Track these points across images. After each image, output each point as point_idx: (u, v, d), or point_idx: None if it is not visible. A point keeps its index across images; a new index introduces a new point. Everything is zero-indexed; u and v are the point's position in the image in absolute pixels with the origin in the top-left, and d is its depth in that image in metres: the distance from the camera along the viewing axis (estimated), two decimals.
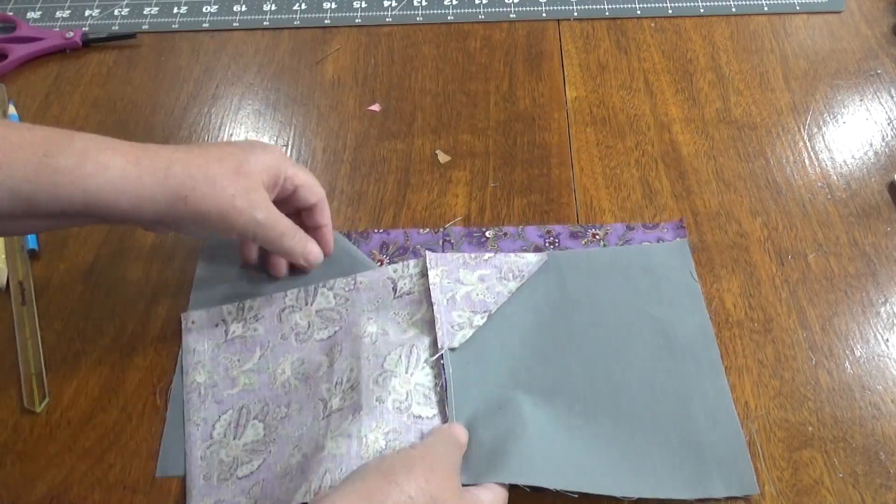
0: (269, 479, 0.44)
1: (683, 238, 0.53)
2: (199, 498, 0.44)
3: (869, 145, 0.59)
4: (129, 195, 0.40)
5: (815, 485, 0.43)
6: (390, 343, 0.48)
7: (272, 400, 0.47)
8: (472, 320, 0.48)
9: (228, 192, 0.42)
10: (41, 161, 0.38)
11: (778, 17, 0.69)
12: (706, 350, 0.48)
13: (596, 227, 0.54)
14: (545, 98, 0.63)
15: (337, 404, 0.45)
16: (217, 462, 0.45)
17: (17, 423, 0.47)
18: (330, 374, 0.47)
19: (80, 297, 0.53)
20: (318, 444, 0.44)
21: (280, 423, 0.46)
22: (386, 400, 0.44)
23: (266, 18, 0.71)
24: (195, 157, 0.42)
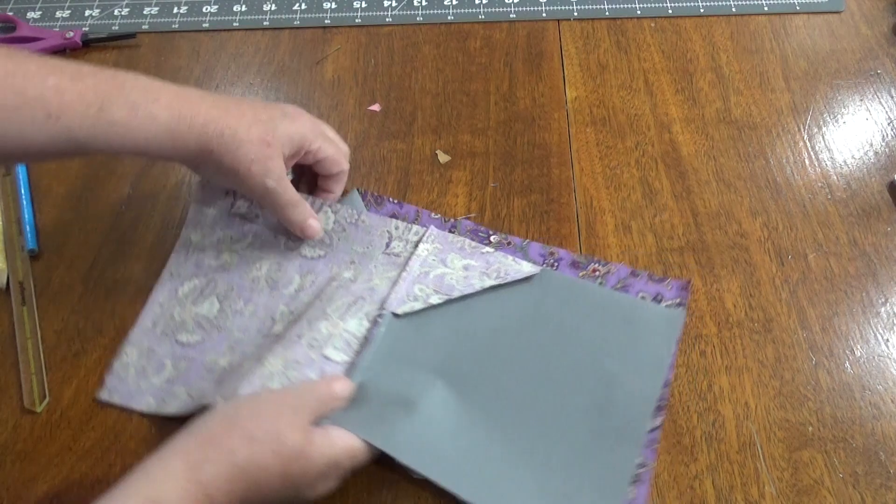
0: (197, 363, 0.48)
1: (683, 306, 0.49)
2: (139, 335, 0.50)
3: (869, 145, 0.59)
4: (169, 145, 0.44)
5: (815, 485, 0.43)
6: (350, 291, 0.49)
7: (238, 288, 0.51)
8: (428, 297, 0.49)
9: (249, 156, 0.46)
10: (96, 115, 0.41)
11: (778, 17, 0.69)
12: (636, 422, 0.45)
13: (600, 262, 0.52)
14: (545, 98, 0.63)
15: (277, 329, 0.48)
16: (168, 316, 0.50)
17: (17, 423, 0.47)
18: (293, 298, 0.50)
19: (80, 297, 0.53)
20: (245, 357, 0.46)
21: (232, 316, 0.50)
22: (303, 336, 0.46)
23: (266, 18, 0.71)
24: (230, 117, 0.46)
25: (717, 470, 0.44)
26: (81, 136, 0.42)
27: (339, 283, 0.50)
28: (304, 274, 0.52)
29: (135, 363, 0.49)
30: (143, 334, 0.50)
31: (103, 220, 0.57)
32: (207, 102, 0.46)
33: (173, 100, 0.44)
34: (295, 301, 0.50)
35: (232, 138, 0.45)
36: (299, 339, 0.46)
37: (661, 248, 0.54)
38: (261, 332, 0.49)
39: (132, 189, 0.59)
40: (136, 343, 0.50)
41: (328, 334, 0.47)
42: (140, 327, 0.50)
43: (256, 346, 0.48)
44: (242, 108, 0.47)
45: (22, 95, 0.40)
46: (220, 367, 0.48)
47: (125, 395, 0.48)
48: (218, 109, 0.45)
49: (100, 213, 0.57)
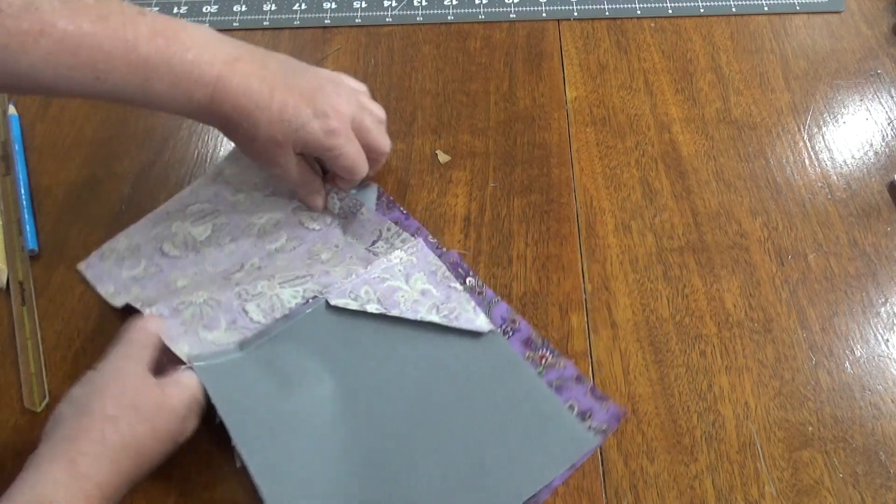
0: (163, 275, 0.51)
1: (605, 434, 0.45)
2: (137, 231, 0.54)
3: (869, 145, 0.59)
4: (198, 117, 0.48)
5: (815, 485, 0.43)
6: (310, 267, 0.51)
7: (233, 226, 0.54)
8: (367, 303, 0.49)
9: (257, 150, 0.49)
10: (140, 84, 0.44)
11: (778, 17, 0.69)
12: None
13: (554, 352, 0.48)
14: (545, 98, 0.63)
15: (237, 277, 0.50)
16: (167, 225, 0.54)
17: (17, 423, 0.47)
18: (269, 255, 0.52)
19: (80, 297, 0.53)
20: (196, 287, 0.50)
21: (214, 248, 0.53)
22: (240, 284, 0.49)
23: (266, 18, 0.71)
24: (259, 100, 0.46)
25: (717, 470, 0.44)
26: (123, 97, 0.45)
27: (311, 258, 0.52)
28: (291, 238, 0.54)
29: (119, 252, 0.53)
30: (140, 231, 0.54)
31: (103, 220, 0.57)
32: (244, 81, 0.46)
33: (213, 78, 0.46)
34: (268, 258, 0.52)
35: (249, 132, 0.47)
36: (236, 285, 0.49)
37: (661, 248, 0.54)
38: (225, 272, 0.51)
39: (132, 189, 0.59)
40: (131, 236, 0.54)
41: (260, 293, 0.49)
42: (142, 224, 0.55)
43: (210, 282, 0.50)
44: (275, 90, 0.47)
45: (76, 57, 0.42)
46: (175, 286, 0.51)
47: (96, 275, 0.53)
48: (250, 92, 0.46)
49: (100, 213, 0.57)
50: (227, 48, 0.47)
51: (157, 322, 0.47)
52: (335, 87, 0.50)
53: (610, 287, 0.52)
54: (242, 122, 0.47)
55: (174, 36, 0.45)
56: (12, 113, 0.63)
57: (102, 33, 0.42)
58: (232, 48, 0.47)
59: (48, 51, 0.41)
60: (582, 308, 0.51)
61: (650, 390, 0.47)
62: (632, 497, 0.44)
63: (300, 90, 0.48)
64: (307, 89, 0.48)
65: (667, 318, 0.50)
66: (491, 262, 0.53)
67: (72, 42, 0.41)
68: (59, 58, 0.41)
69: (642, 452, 0.45)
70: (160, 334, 0.46)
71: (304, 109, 0.47)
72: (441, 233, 0.55)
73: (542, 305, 0.51)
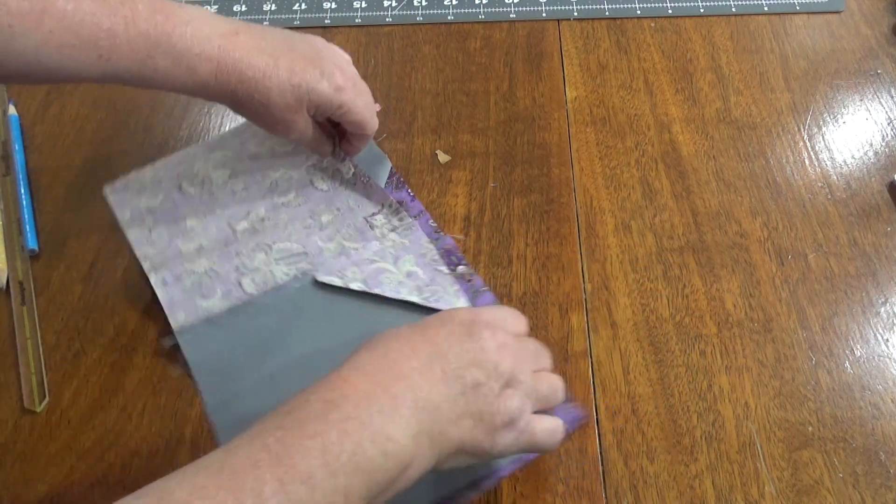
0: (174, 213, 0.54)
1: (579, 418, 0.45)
2: (166, 166, 0.56)
3: (869, 145, 0.59)
4: (204, 94, 0.47)
5: (815, 485, 0.43)
6: (306, 239, 0.53)
7: (249, 175, 0.56)
8: (352, 282, 0.51)
9: (275, 117, 0.48)
10: (143, 61, 0.44)
11: (778, 17, 0.69)
12: None
13: None
14: (545, 98, 0.63)
15: (242, 227, 0.54)
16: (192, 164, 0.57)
17: (17, 423, 0.47)
18: (274, 208, 0.55)
19: (80, 297, 0.53)
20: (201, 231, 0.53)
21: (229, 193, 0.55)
22: (240, 255, 0.52)
23: (266, 18, 0.71)
24: (265, 78, 0.47)
25: (717, 470, 0.44)
26: (128, 76, 0.44)
27: (312, 218, 0.54)
28: (298, 195, 0.55)
29: (143, 182, 0.56)
30: (166, 166, 0.56)
31: (103, 220, 0.57)
32: (247, 50, 0.46)
33: (215, 52, 0.45)
34: (273, 211, 0.55)
35: (261, 100, 0.47)
36: (236, 256, 0.52)
37: (661, 248, 0.54)
38: (230, 220, 0.54)
39: None
40: (157, 170, 0.56)
41: (256, 268, 0.52)
42: (169, 160, 0.57)
43: (217, 230, 0.54)
44: (280, 56, 0.47)
45: (78, 36, 0.42)
46: (180, 226, 0.54)
47: (117, 200, 0.55)
48: (256, 60, 0.46)
49: (100, 213, 0.57)
50: (224, 23, 0.47)
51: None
52: (331, 50, 0.51)
53: (610, 287, 0.52)
54: (253, 95, 0.47)
55: (172, 12, 0.45)
56: (12, 113, 0.63)
57: (102, 11, 0.43)
58: (228, 23, 0.47)
59: (50, 30, 0.41)
60: (582, 308, 0.51)
61: (650, 390, 0.47)
62: (632, 497, 0.44)
63: (302, 55, 0.48)
64: (309, 53, 0.49)
65: (667, 318, 0.50)
66: (491, 262, 0.53)
67: (72, 21, 0.42)
68: (62, 37, 0.41)
69: (642, 452, 0.45)
70: (162, 303, 0.50)
71: (311, 71, 0.48)
72: (441, 233, 0.55)
73: (542, 305, 0.51)
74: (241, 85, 0.46)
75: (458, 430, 0.36)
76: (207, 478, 0.31)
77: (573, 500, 0.44)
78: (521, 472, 0.45)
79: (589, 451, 0.45)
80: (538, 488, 0.44)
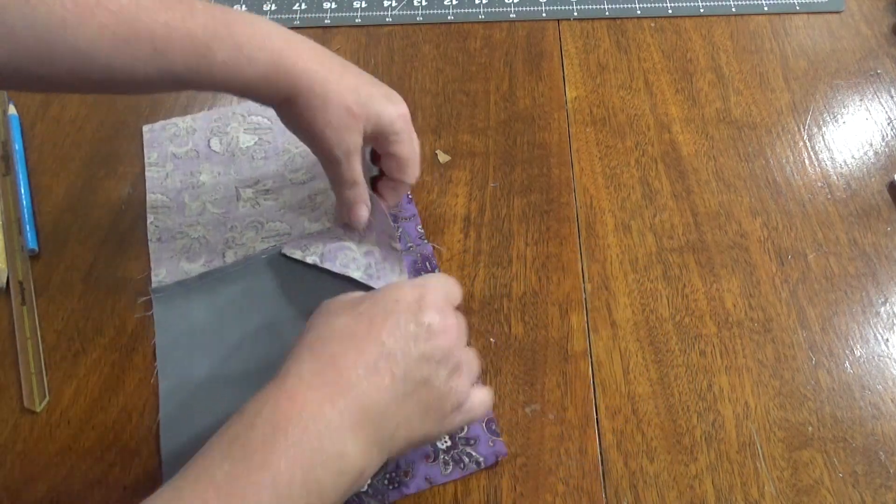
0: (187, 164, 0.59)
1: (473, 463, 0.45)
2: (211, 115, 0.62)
3: (869, 145, 0.59)
4: (264, 88, 0.45)
5: (815, 485, 0.43)
6: (298, 218, 0.56)
7: (272, 145, 0.60)
8: (311, 254, 0.52)
9: (327, 119, 0.46)
10: (202, 55, 0.42)
11: (778, 17, 0.69)
12: None
13: None
14: (545, 98, 0.63)
15: (247, 195, 0.57)
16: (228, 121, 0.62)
17: (17, 423, 0.47)
18: (280, 182, 0.58)
19: (80, 297, 0.53)
20: (210, 189, 0.57)
21: (246, 158, 0.59)
22: (233, 229, 0.55)
23: (266, 18, 0.71)
24: (329, 74, 0.45)
25: (717, 470, 0.44)
26: (185, 73, 0.42)
27: (309, 202, 0.56)
28: (307, 171, 0.58)
29: (178, 128, 0.61)
30: (205, 118, 0.62)
31: (103, 220, 0.57)
32: (313, 54, 0.45)
33: (278, 46, 0.44)
34: (279, 182, 0.58)
35: (321, 97, 0.45)
36: (230, 229, 0.55)
37: (661, 248, 0.54)
38: (238, 185, 0.58)
39: (132, 189, 0.59)
40: (196, 119, 0.62)
41: (241, 244, 0.54)
42: (210, 114, 0.62)
43: (225, 190, 0.57)
44: (347, 72, 0.46)
45: (133, 29, 0.40)
46: (193, 179, 0.58)
47: (149, 140, 0.61)
48: (320, 64, 0.45)
49: (100, 213, 0.57)
50: (282, 28, 0.45)
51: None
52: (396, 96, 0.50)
53: (610, 287, 0.52)
54: (314, 87, 0.44)
55: (231, 11, 0.44)
56: (12, 113, 0.63)
57: (158, 6, 0.41)
58: (287, 31, 0.46)
59: (105, 22, 0.40)
60: (582, 308, 0.51)
61: (650, 390, 0.47)
62: (632, 497, 0.44)
63: (369, 79, 0.48)
64: (367, 78, 0.48)
65: (667, 317, 0.50)
66: (491, 262, 0.53)
67: (128, 13, 0.40)
68: (116, 29, 0.40)
69: (642, 452, 0.45)
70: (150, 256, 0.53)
71: (376, 90, 0.48)
72: (441, 233, 0.55)
73: (542, 305, 0.51)
74: (304, 77, 0.44)
75: (408, 429, 0.37)
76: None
77: (573, 500, 0.44)
78: (521, 472, 0.45)
79: (589, 451, 0.45)
80: (538, 488, 0.44)
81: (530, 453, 0.45)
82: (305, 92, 0.44)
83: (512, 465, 0.45)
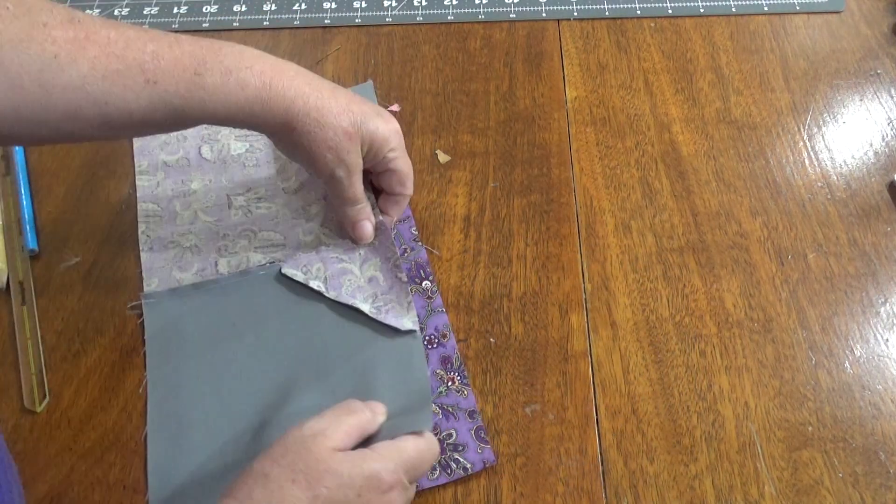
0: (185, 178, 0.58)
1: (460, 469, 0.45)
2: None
3: (869, 145, 0.59)
4: (259, 113, 0.45)
5: (815, 485, 0.43)
6: (292, 231, 0.55)
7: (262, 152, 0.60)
8: (312, 280, 0.51)
9: (327, 143, 0.46)
10: (192, 80, 0.42)
11: (778, 17, 0.69)
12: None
13: (465, 380, 0.48)
14: (545, 98, 0.63)
15: (239, 202, 0.57)
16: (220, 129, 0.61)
17: (17, 423, 0.47)
18: (273, 190, 0.57)
19: (80, 297, 0.53)
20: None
21: (237, 166, 0.59)
22: (225, 238, 0.54)
23: (266, 18, 0.71)
24: (321, 98, 0.46)
25: (717, 470, 0.44)
26: (178, 101, 0.42)
27: (302, 211, 0.56)
28: (297, 179, 0.57)
29: (168, 137, 0.61)
30: (196, 127, 0.58)
31: (103, 220, 0.57)
32: (302, 78, 0.46)
33: (267, 69, 0.44)
34: (272, 194, 0.57)
35: (317, 121, 0.45)
36: (223, 238, 0.55)
37: (661, 248, 0.54)
38: (230, 192, 0.57)
39: (132, 189, 0.59)
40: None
41: (234, 252, 0.54)
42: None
43: (216, 198, 0.57)
44: (337, 94, 0.47)
45: (123, 61, 0.41)
46: (184, 188, 0.58)
47: (140, 148, 0.60)
48: (311, 87, 0.45)
49: (100, 213, 0.57)
50: (268, 55, 0.46)
51: (380, 408, 0.44)
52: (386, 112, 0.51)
53: (610, 287, 0.52)
54: (310, 112, 0.45)
55: (213, 40, 0.44)
56: None
57: (146, 36, 0.42)
58: (273, 57, 0.46)
59: (95, 55, 0.40)
60: (582, 308, 0.51)
61: (650, 390, 0.47)
62: (632, 497, 0.44)
63: (352, 97, 0.48)
64: (357, 98, 0.48)
65: (667, 318, 0.50)
66: (491, 262, 0.53)
67: (116, 46, 0.41)
68: (107, 62, 0.40)
69: (642, 452, 0.45)
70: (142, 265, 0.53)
71: (367, 108, 0.48)
72: (441, 233, 0.55)
73: (542, 305, 0.51)
74: (298, 101, 0.45)
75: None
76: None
77: (573, 500, 0.44)
78: (521, 472, 0.45)
79: (589, 451, 0.45)
80: (538, 488, 0.44)
81: (530, 453, 0.45)
82: (302, 116, 0.45)
83: (512, 465, 0.45)
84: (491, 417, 0.47)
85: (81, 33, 0.40)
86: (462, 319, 0.51)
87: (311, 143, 0.46)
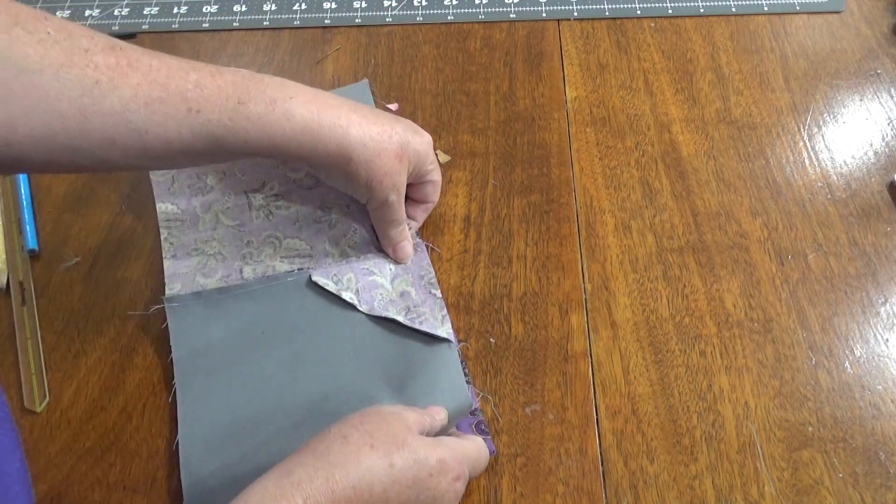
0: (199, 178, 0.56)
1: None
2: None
3: (869, 145, 0.59)
4: (308, 145, 0.44)
5: (815, 485, 0.43)
6: (316, 238, 0.54)
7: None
8: (345, 290, 0.50)
9: (384, 169, 0.46)
10: (235, 108, 0.41)
11: (778, 17, 0.69)
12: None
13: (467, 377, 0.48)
14: (545, 98, 0.63)
15: (258, 202, 0.55)
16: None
17: (17, 423, 0.47)
18: (287, 185, 0.56)
19: (80, 297, 0.53)
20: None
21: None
22: (250, 245, 0.53)
23: (266, 18, 0.71)
24: (371, 124, 0.45)
25: (717, 470, 0.44)
26: (220, 131, 0.42)
27: (322, 214, 0.55)
28: (309, 175, 0.56)
29: None
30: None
31: (103, 220, 0.57)
32: (347, 106, 0.45)
33: (311, 98, 0.44)
34: (285, 186, 0.56)
35: (374, 150, 0.45)
36: (247, 245, 0.54)
37: (661, 248, 0.54)
38: (247, 187, 0.56)
39: (132, 189, 0.59)
40: None
41: (259, 261, 0.53)
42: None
43: (235, 197, 0.55)
44: (379, 117, 0.46)
45: (165, 89, 0.40)
46: (200, 182, 0.56)
47: None
48: (358, 115, 0.45)
49: (100, 213, 0.57)
50: (306, 86, 0.45)
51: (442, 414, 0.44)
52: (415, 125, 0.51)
53: (610, 287, 0.52)
54: (366, 141, 0.45)
55: (253, 73, 0.44)
56: None
57: (188, 65, 0.41)
58: (311, 88, 0.45)
59: (137, 82, 0.39)
60: (582, 308, 0.51)
61: (650, 390, 0.47)
62: (632, 497, 0.44)
63: (387, 116, 0.48)
64: (391, 116, 0.48)
65: (667, 318, 0.50)
66: (491, 262, 0.53)
67: (158, 74, 0.40)
68: (149, 90, 0.40)
69: (642, 452, 0.45)
70: (165, 272, 0.51)
71: (402, 126, 0.48)
72: (441, 233, 0.55)
73: (542, 305, 0.51)
74: (352, 130, 0.44)
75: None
76: None
77: (573, 500, 0.44)
78: (521, 473, 0.45)
79: (589, 451, 0.45)
80: (538, 488, 0.44)
81: (530, 453, 0.45)
82: (358, 147, 0.44)
83: (512, 465, 0.45)
84: (491, 417, 0.47)
85: (123, 60, 0.39)
86: (462, 319, 0.51)
87: (370, 172, 0.46)
